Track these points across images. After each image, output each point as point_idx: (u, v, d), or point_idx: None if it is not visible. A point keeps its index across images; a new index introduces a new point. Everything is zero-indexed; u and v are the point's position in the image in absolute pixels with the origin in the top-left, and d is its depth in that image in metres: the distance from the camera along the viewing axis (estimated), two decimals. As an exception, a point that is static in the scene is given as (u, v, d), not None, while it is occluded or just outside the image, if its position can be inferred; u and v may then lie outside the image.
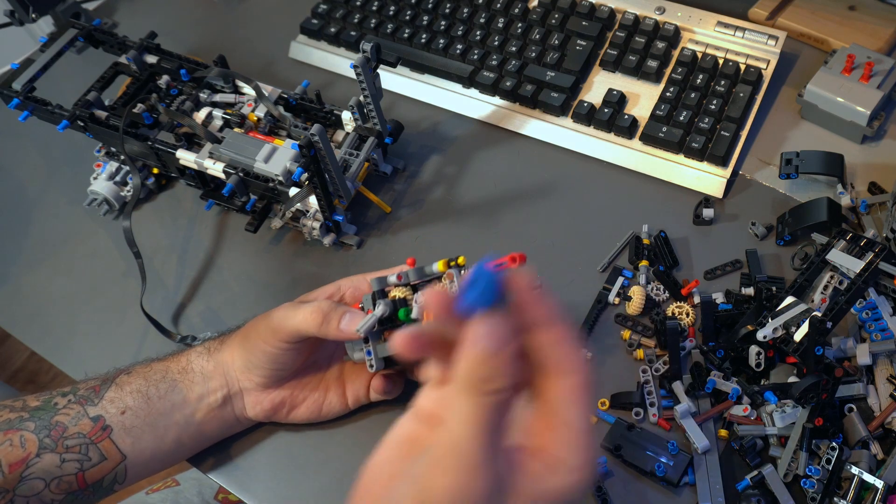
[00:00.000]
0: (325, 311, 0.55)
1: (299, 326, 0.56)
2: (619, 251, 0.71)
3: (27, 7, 0.87)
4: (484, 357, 0.33)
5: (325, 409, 0.62)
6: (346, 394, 0.62)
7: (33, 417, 0.57)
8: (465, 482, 0.32)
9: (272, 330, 0.57)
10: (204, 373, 0.60)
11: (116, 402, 0.58)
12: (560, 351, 0.35)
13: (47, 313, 0.74)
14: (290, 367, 0.60)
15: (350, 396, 0.62)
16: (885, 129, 0.75)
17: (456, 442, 0.33)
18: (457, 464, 0.33)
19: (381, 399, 0.62)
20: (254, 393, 0.60)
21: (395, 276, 0.57)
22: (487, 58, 0.81)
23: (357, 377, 0.62)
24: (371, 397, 0.62)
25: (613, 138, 0.77)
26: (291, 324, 0.56)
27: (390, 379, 0.61)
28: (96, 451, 0.56)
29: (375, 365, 0.56)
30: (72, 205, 0.81)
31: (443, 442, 0.33)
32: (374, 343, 0.56)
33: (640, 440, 0.59)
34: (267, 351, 0.58)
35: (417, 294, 0.56)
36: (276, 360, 0.58)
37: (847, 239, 0.62)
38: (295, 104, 0.75)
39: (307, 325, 0.55)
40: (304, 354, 0.60)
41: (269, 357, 0.58)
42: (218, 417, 0.60)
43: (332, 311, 0.55)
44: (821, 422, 0.56)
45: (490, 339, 0.33)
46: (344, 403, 0.62)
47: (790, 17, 0.82)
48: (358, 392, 0.62)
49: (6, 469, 0.54)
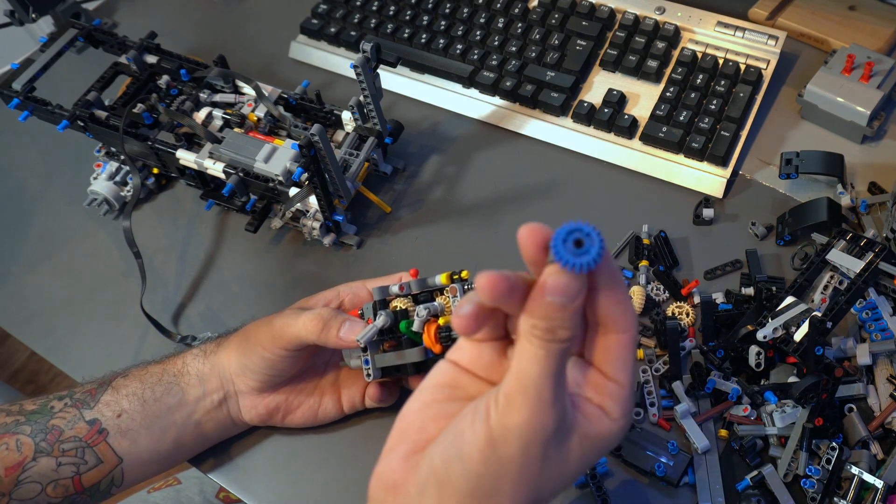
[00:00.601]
0: (325, 318, 0.56)
1: (299, 334, 0.56)
2: (619, 251, 0.71)
3: (27, 7, 0.87)
4: (559, 307, 0.35)
5: (321, 415, 0.62)
6: (341, 399, 0.62)
7: (29, 421, 0.57)
8: (539, 417, 0.35)
9: (272, 337, 0.57)
10: (200, 375, 0.60)
11: (112, 406, 0.58)
12: (619, 309, 0.37)
13: (47, 313, 0.74)
14: (286, 373, 0.60)
15: (345, 402, 0.62)
16: (885, 129, 0.75)
17: (529, 381, 0.35)
18: (530, 401, 0.35)
19: (377, 406, 0.62)
20: (249, 396, 0.60)
21: (398, 287, 0.57)
22: (487, 58, 0.81)
23: (353, 383, 0.62)
24: (366, 404, 0.62)
25: (613, 138, 0.77)
26: (292, 331, 0.56)
27: (386, 387, 0.61)
28: (92, 454, 0.56)
29: (373, 374, 0.56)
30: (72, 205, 0.81)
31: (512, 382, 0.35)
32: (372, 352, 0.56)
33: (640, 440, 0.59)
34: (265, 357, 0.58)
35: (419, 307, 0.55)
36: (274, 366, 0.58)
37: (847, 239, 0.62)
38: (295, 104, 0.75)
39: (307, 333, 0.56)
40: (301, 361, 0.60)
41: (266, 363, 0.58)
42: (214, 420, 0.60)
43: (332, 318, 0.56)
44: (821, 422, 0.56)
45: (566, 291, 0.34)
46: (339, 409, 0.62)
47: (790, 17, 0.82)
48: (353, 398, 0.62)
49: (2, 473, 0.54)
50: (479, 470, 0.36)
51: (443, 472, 0.37)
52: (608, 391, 0.38)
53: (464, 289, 0.55)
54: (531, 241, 0.35)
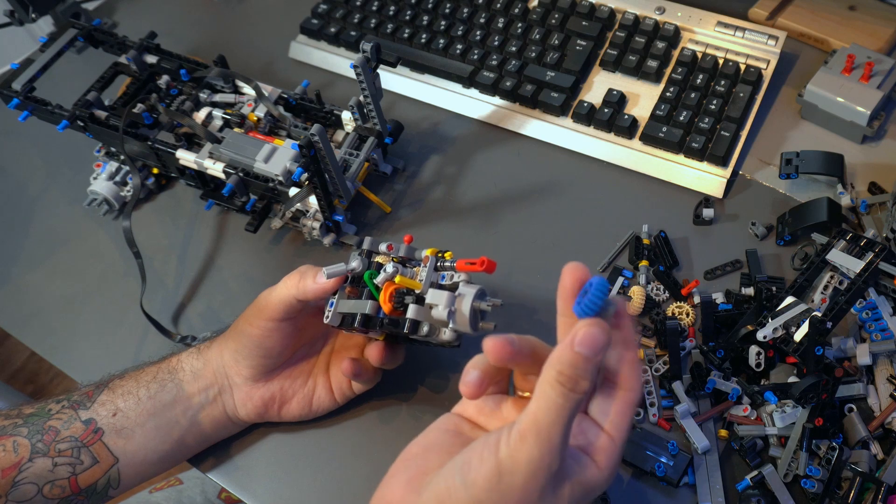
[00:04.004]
0: (301, 271, 0.57)
1: (281, 294, 0.56)
2: (619, 251, 0.71)
3: (27, 7, 0.87)
4: (585, 358, 0.38)
5: (315, 404, 0.62)
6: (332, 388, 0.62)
7: (27, 423, 0.57)
8: (548, 457, 0.38)
9: (258, 310, 0.57)
10: (194, 371, 0.60)
11: (108, 405, 0.58)
12: (630, 369, 0.41)
13: (47, 313, 0.74)
14: (277, 352, 0.59)
15: (336, 390, 0.62)
16: (885, 129, 0.75)
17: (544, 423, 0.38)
18: (541, 441, 0.38)
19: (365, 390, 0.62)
20: (243, 388, 0.60)
21: (386, 246, 0.58)
22: (487, 58, 0.81)
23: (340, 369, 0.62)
24: (355, 389, 0.62)
25: (613, 138, 0.77)
26: (274, 295, 0.57)
27: (391, 349, 0.60)
28: (88, 454, 0.56)
29: (331, 318, 0.56)
30: (72, 205, 0.81)
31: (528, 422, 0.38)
32: (339, 297, 0.57)
33: (640, 440, 0.59)
34: (253, 334, 0.58)
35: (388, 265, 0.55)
36: (263, 343, 0.58)
37: (847, 239, 0.62)
38: (295, 104, 0.75)
39: (287, 290, 0.56)
40: (291, 338, 0.59)
41: (255, 341, 0.58)
42: (210, 416, 0.60)
43: (308, 269, 0.57)
44: (821, 422, 0.56)
45: (595, 344, 0.38)
46: (332, 397, 0.62)
47: (790, 17, 0.82)
48: (341, 384, 0.62)
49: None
50: (482, 497, 0.39)
51: (445, 496, 0.40)
52: (601, 444, 0.42)
53: (436, 265, 0.55)
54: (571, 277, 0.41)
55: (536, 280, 0.69)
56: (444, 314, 0.52)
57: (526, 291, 0.69)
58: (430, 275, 0.55)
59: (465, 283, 0.54)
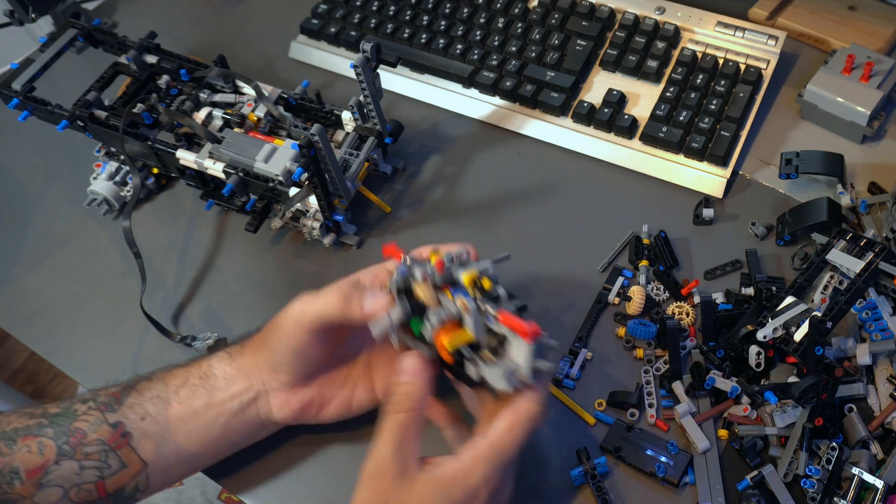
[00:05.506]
0: (344, 292, 0.54)
1: (321, 312, 0.54)
2: (619, 251, 0.71)
3: (27, 7, 0.87)
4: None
5: (355, 405, 0.60)
6: (374, 388, 0.60)
7: (52, 424, 0.55)
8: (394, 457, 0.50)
9: (295, 322, 0.55)
10: (226, 377, 0.58)
11: (136, 409, 0.56)
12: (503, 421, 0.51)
13: (47, 313, 0.74)
14: (315, 361, 0.58)
15: (379, 389, 0.60)
16: (885, 129, 0.75)
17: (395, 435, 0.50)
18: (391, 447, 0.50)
19: None
20: (281, 393, 0.58)
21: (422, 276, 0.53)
22: (487, 58, 0.81)
23: (386, 369, 0.60)
24: None
25: (613, 138, 0.77)
26: (313, 309, 0.54)
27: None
28: (116, 458, 0.55)
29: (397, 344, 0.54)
30: (72, 205, 0.81)
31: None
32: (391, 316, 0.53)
33: (639, 440, 0.59)
34: (291, 345, 0.56)
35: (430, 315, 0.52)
36: (301, 354, 0.56)
37: (847, 239, 0.62)
38: (295, 104, 0.75)
39: (329, 310, 0.54)
40: (329, 347, 0.58)
41: (293, 352, 0.56)
42: (242, 421, 0.58)
43: (352, 292, 0.54)
44: (821, 422, 0.56)
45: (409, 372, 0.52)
46: (374, 397, 0.60)
47: (790, 17, 0.82)
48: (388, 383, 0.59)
49: (24, 476, 0.53)
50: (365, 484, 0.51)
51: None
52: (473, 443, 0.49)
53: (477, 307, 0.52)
54: None
55: (536, 280, 0.69)
56: (508, 387, 0.50)
57: (526, 292, 0.69)
58: (478, 322, 0.52)
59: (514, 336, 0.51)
